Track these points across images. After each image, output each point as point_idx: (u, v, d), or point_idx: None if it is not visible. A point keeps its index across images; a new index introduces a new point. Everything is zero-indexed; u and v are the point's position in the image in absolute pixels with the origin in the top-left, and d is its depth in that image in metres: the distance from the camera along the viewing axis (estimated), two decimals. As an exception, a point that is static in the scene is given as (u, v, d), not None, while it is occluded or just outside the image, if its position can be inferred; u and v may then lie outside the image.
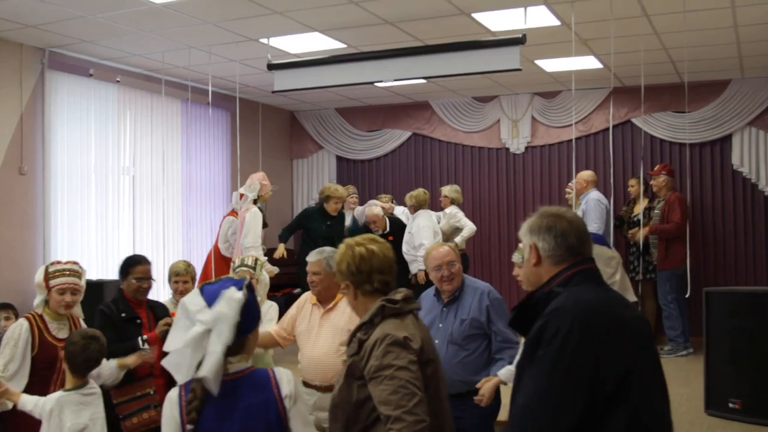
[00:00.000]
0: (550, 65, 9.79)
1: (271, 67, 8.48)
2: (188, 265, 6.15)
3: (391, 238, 9.42)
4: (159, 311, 5.55)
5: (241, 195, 8.91)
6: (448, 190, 10.51)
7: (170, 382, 5.31)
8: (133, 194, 9.92)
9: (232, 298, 2.90)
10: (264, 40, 8.47)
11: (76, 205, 9.12)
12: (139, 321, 5.35)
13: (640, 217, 9.79)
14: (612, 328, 2.55)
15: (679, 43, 8.48)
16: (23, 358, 4.56)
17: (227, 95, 10.96)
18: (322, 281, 5.08)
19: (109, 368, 4.79)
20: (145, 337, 5.21)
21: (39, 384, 4.57)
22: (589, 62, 9.46)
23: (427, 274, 8.03)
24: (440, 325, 5.03)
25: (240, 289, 2.94)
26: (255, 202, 9.04)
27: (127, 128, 9.85)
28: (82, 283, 4.89)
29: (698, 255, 10.54)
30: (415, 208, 10.00)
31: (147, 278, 5.46)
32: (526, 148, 11.92)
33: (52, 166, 8.80)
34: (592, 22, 7.70)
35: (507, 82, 10.76)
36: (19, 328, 4.63)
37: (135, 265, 5.45)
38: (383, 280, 3.36)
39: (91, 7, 7.22)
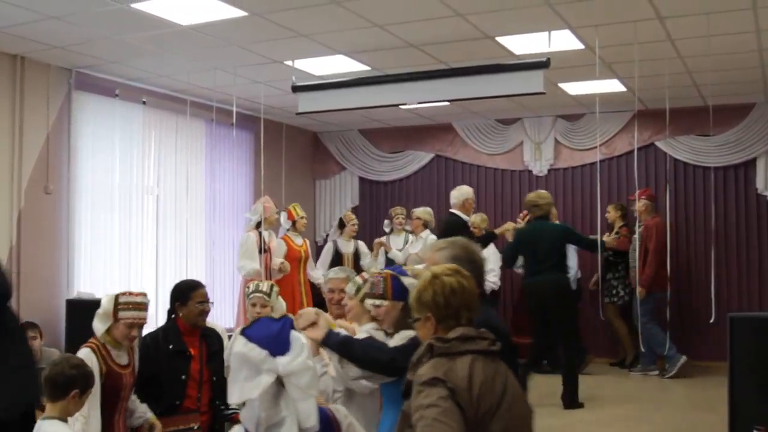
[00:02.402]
0: (574, 88, 9.79)
1: (296, 89, 8.52)
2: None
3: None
4: (213, 342, 5.39)
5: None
6: (421, 212, 10.23)
7: (214, 419, 5.31)
8: (157, 214, 9.96)
9: (305, 345, 2.79)
10: (289, 62, 8.52)
11: (101, 225, 9.18)
12: (189, 354, 5.21)
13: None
14: (503, 340, 3.21)
15: (703, 67, 8.47)
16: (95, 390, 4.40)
17: (251, 116, 11.02)
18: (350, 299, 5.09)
19: (141, 411, 4.74)
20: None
21: (106, 412, 4.52)
22: (613, 85, 9.46)
23: None
24: None
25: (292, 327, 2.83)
26: (258, 225, 9.13)
27: (151, 148, 9.91)
28: (147, 315, 4.81)
29: (722, 280, 10.46)
30: None
31: (208, 301, 5.34)
32: (549, 170, 11.90)
33: (78, 185, 8.87)
34: (616, 45, 7.70)
35: (530, 104, 10.77)
36: (89, 360, 4.47)
37: (196, 289, 5.33)
38: (470, 317, 3.06)
39: (118, 28, 7.30)
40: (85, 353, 4.58)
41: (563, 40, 7.56)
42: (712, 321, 8.63)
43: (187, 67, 8.76)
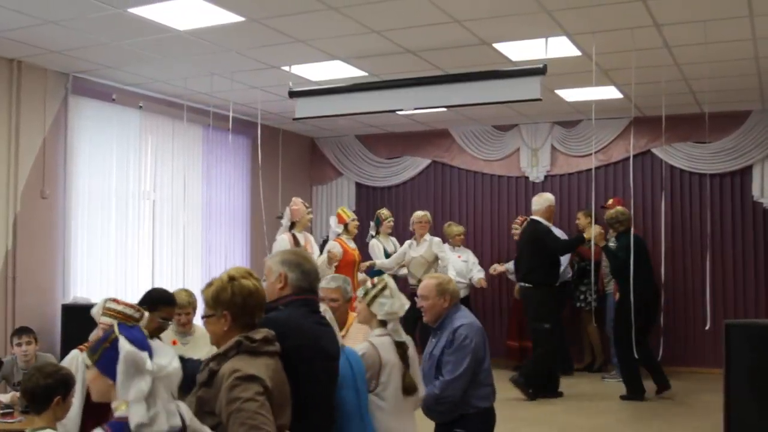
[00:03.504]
0: (571, 95, 9.80)
1: (293, 94, 8.52)
2: (191, 295, 6.00)
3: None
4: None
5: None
6: (426, 216, 10.17)
7: None
8: (153, 219, 9.96)
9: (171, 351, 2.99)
10: (286, 68, 8.52)
11: (97, 230, 9.17)
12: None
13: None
14: (303, 345, 3.48)
15: (700, 74, 8.48)
16: (80, 392, 4.31)
17: (248, 121, 11.02)
18: (339, 307, 5.12)
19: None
20: None
21: (98, 419, 4.45)
22: (610, 92, 9.47)
23: None
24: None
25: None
26: (291, 228, 8.91)
27: (148, 153, 9.92)
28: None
29: (718, 286, 10.48)
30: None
31: (171, 320, 5.40)
32: (546, 176, 11.91)
33: (74, 190, 8.87)
34: (613, 52, 7.71)
35: (527, 111, 10.78)
36: (75, 360, 4.45)
37: (166, 304, 5.31)
38: (260, 317, 3.41)
39: (115, 33, 7.30)
40: (72, 354, 4.59)
41: (560, 47, 7.57)
42: (707, 328, 8.65)
43: (184, 72, 8.76)
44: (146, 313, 4.79)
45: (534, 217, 9.40)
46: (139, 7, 6.51)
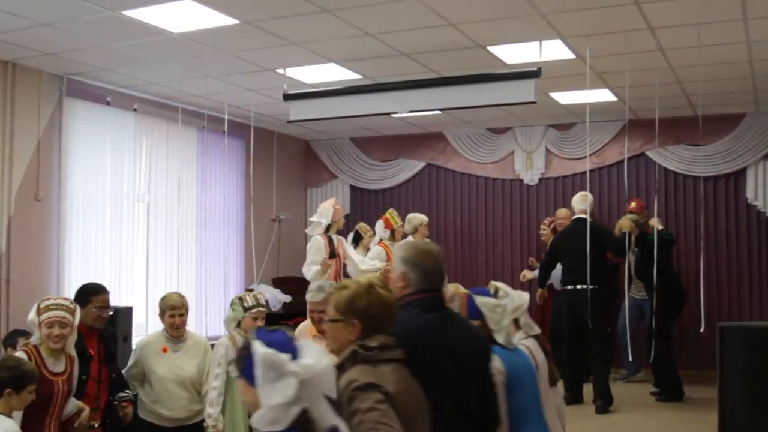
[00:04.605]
0: (565, 98, 9.80)
1: (287, 97, 8.52)
2: (182, 297, 6.00)
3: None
4: (110, 343, 5.59)
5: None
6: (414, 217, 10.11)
7: (107, 414, 5.40)
8: (148, 222, 9.94)
9: (322, 349, 2.76)
10: (280, 70, 8.52)
11: (91, 232, 9.15)
12: (89, 355, 5.27)
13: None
14: (412, 349, 3.14)
15: (694, 77, 8.50)
16: None
17: (243, 124, 11.01)
18: None
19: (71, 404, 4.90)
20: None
21: (35, 418, 4.56)
22: (604, 95, 9.48)
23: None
24: None
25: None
26: (328, 229, 8.69)
27: (143, 156, 9.90)
28: (73, 319, 4.81)
29: (712, 289, 10.48)
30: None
31: (107, 307, 5.49)
32: (540, 179, 11.92)
33: (68, 192, 8.85)
34: (607, 55, 7.72)
35: (521, 113, 10.79)
36: None
37: (97, 294, 5.45)
38: (388, 330, 3.17)
39: (110, 35, 7.29)
40: (18, 355, 4.74)
41: (554, 50, 7.58)
42: (701, 330, 8.65)
43: (178, 74, 8.74)
44: (78, 307, 4.92)
45: (582, 215, 9.33)
46: (133, 9, 6.51)
